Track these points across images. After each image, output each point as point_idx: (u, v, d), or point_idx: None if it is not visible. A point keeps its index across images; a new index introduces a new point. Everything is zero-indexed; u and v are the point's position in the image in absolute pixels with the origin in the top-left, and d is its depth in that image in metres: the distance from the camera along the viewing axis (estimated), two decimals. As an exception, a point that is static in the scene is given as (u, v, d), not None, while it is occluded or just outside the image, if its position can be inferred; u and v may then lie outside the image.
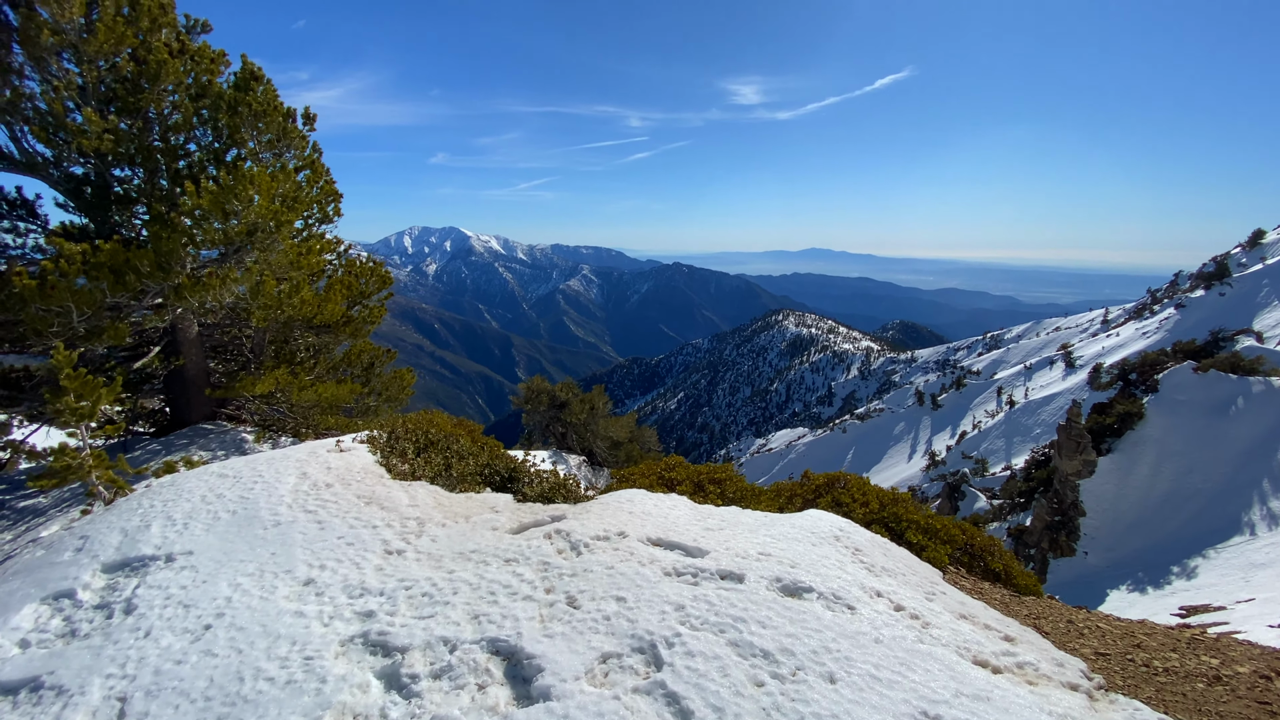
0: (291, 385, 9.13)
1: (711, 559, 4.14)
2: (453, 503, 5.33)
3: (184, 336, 10.05)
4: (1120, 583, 30.52)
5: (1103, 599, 30.00)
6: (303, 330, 10.01)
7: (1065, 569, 35.51)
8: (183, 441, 9.20)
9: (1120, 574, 31.53)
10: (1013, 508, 46.48)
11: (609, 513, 5.03)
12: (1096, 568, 34.05)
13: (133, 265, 7.09)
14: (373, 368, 12.59)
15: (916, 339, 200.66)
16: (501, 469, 6.64)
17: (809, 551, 4.43)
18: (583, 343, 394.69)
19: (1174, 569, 28.67)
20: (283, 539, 4.47)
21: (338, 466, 5.86)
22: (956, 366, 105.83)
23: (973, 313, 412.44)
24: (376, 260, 11.73)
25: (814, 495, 5.94)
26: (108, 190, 8.96)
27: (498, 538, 4.56)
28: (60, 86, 7.66)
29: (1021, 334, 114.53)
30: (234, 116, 8.96)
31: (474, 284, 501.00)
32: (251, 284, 7.72)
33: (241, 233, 7.88)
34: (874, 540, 4.98)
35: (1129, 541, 33.83)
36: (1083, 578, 33.99)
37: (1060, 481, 38.15)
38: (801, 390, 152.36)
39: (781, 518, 5.16)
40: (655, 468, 6.27)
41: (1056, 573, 35.72)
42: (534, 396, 19.10)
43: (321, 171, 10.14)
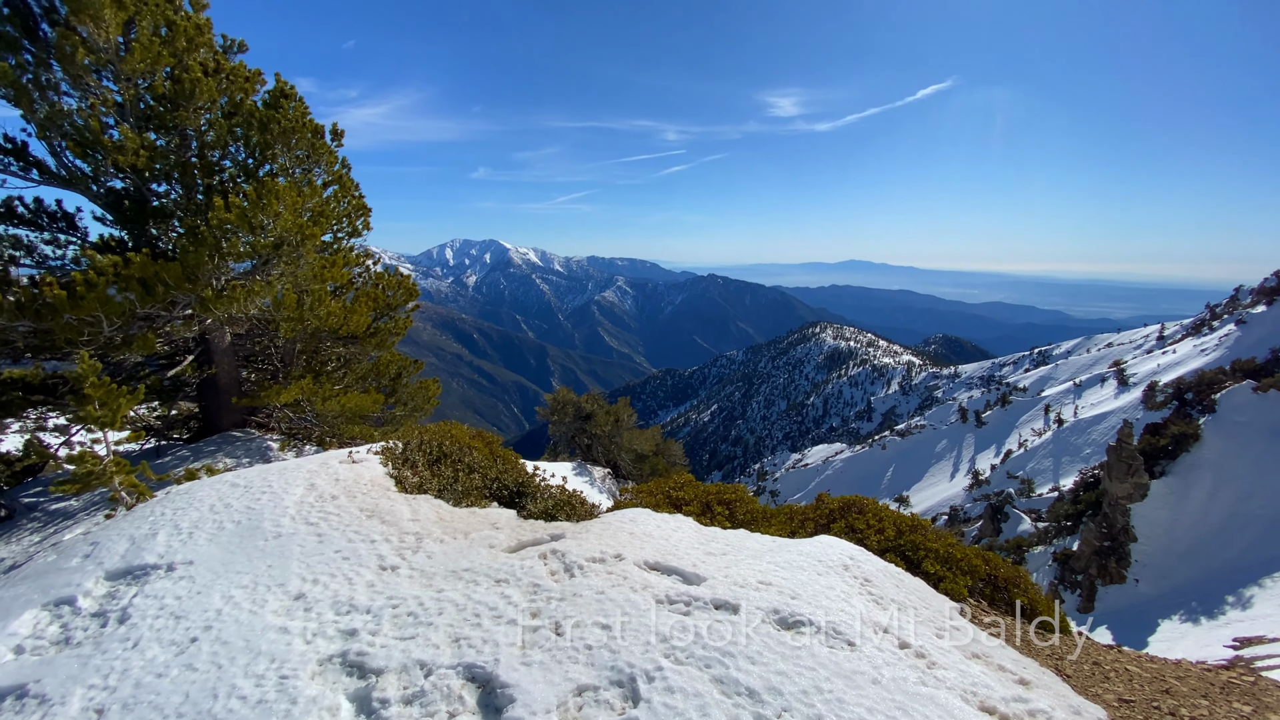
0: (316, 395, 9.31)
1: (707, 587, 3.96)
2: (454, 518, 5.28)
3: (216, 346, 10.38)
4: (1172, 612, 28.94)
5: (1154, 628, 28.39)
6: (329, 341, 10.22)
7: (1115, 596, 33.73)
8: (211, 448, 9.46)
9: (1173, 603, 29.91)
10: (1059, 531, 44.39)
11: (609, 533, 4.90)
12: (1148, 596, 32.27)
13: (161, 277, 7.34)
14: (400, 378, 12.78)
15: (960, 354, 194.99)
16: (510, 483, 6.58)
17: (813, 581, 4.20)
18: (617, 353, 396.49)
19: (1229, 599, 27.22)
20: (281, 551, 4.48)
21: (346, 478, 5.89)
22: (1002, 383, 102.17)
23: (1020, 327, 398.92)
24: (404, 274, 11.94)
25: (827, 520, 5.67)
26: (145, 204, 9.34)
27: (493, 556, 4.47)
28: (96, 104, 8.02)
29: (1071, 350, 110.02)
30: (265, 133, 9.26)
31: (512, 295, 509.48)
32: (274, 296, 7.90)
33: (268, 246, 8.10)
34: (886, 570, 4.71)
35: (1182, 569, 32.08)
36: (1134, 606, 32.23)
37: (1110, 505, 36.31)
38: (839, 405, 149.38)
39: (789, 543, 4.94)
40: (664, 486, 6.12)
41: (1105, 600, 33.95)
42: (560, 407, 19.13)
43: (350, 186, 10.39)
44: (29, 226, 9.25)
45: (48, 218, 9.22)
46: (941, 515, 61.80)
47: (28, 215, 9.16)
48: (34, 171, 8.86)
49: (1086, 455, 56.41)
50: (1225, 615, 26.61)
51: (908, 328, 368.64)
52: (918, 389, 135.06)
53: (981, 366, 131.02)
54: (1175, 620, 28.68)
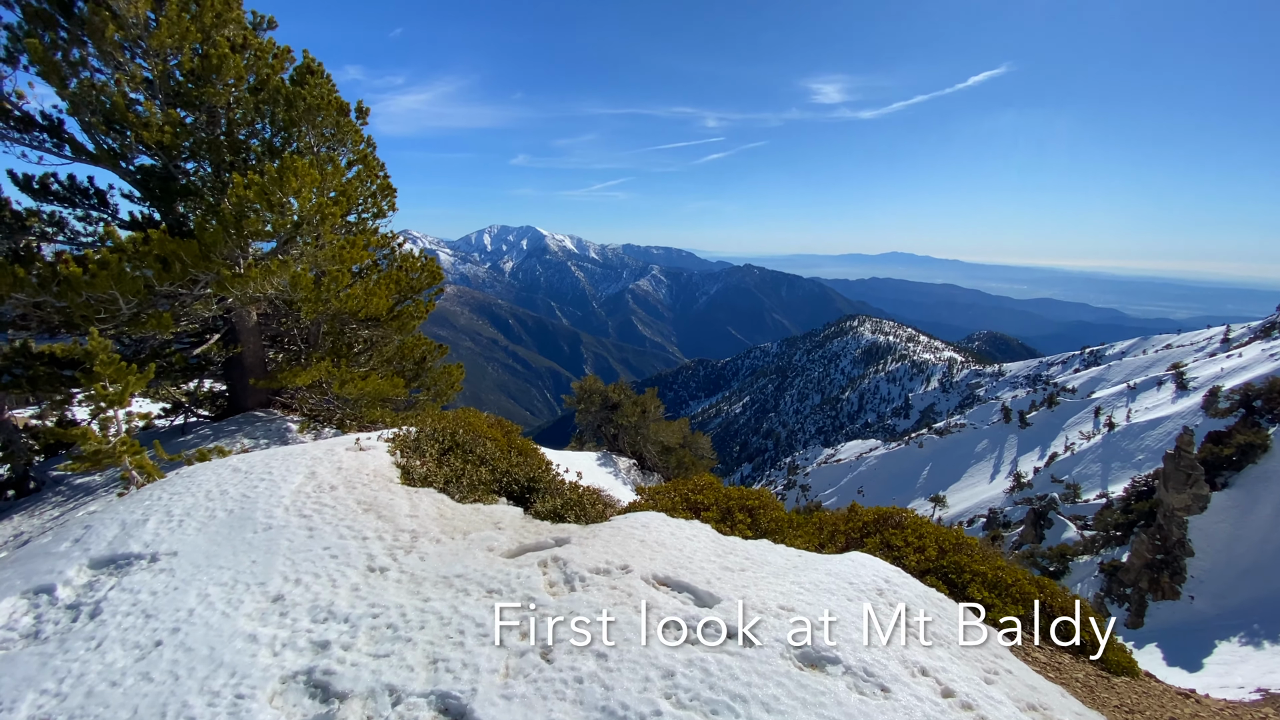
0: (334, 378, 9.17)
1: (721, 610, 3.53)
2: (456, 515, 4.96)
3: (242, 325, 10.34)
4: (1231, 634, 27.41)
5: (1210, 650, 26.87)
6: (349, 323, 10.07)
7: (1166, 613, 32.06)
8: (231, 428, 9.42)
9: (1232, 624, 28.29)
10: (1107, 540, 42.34)
11: (618, 540, 4.50)
12: (1204, 615, 30.60)
13: (178, 255, 7.21)
14: (424, 362, 12.63)
15: (1005, 351, 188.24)
16: (521, 478, 6.25)
17: (843, 608, 3.72)
18: (649, 342, 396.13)
19: None
20: (269, 545, 4.22)
21: (350, 467, 5.64)
22: (1049, 383, 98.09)
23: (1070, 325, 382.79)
24: (429, 257, 11.73)
25: (860, 534, 5.14)
26: (173, 182, 9.28)
27: (489, 561, 4.12)
28: (123, 79, 7.92)
29: (1126, 350, 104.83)
30: (290, 110, 9.07)
31: (547, 282, 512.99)
32: (289, 277, 7.72)
33: (285, 225, 7.92)
34: (926, 596, 4.20)
35: (1243, 588, 30.30)
36: (1187, 625, 30.60)
37: (1165, 516, 34.43)
38: (875, 400, 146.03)
39: (817, 560, 4.46)
40: (683, 488, 5.69)
41: (1156, 616, 32.28)
42: (586, 396, 18.84)
43: (375, 166, 10.18)
44: (63, 203, 9.29)
45: (80, 195, 9.25)
46: (979, 518, 59.81)
47: (61, 192, 9.20)
48: (67, 148, 8.86)
49: (1139, 461, 53.69)
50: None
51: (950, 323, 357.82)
52: (958, 386, 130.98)
53: (1027, 365, 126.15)
54: (1234, 642, 27.14)
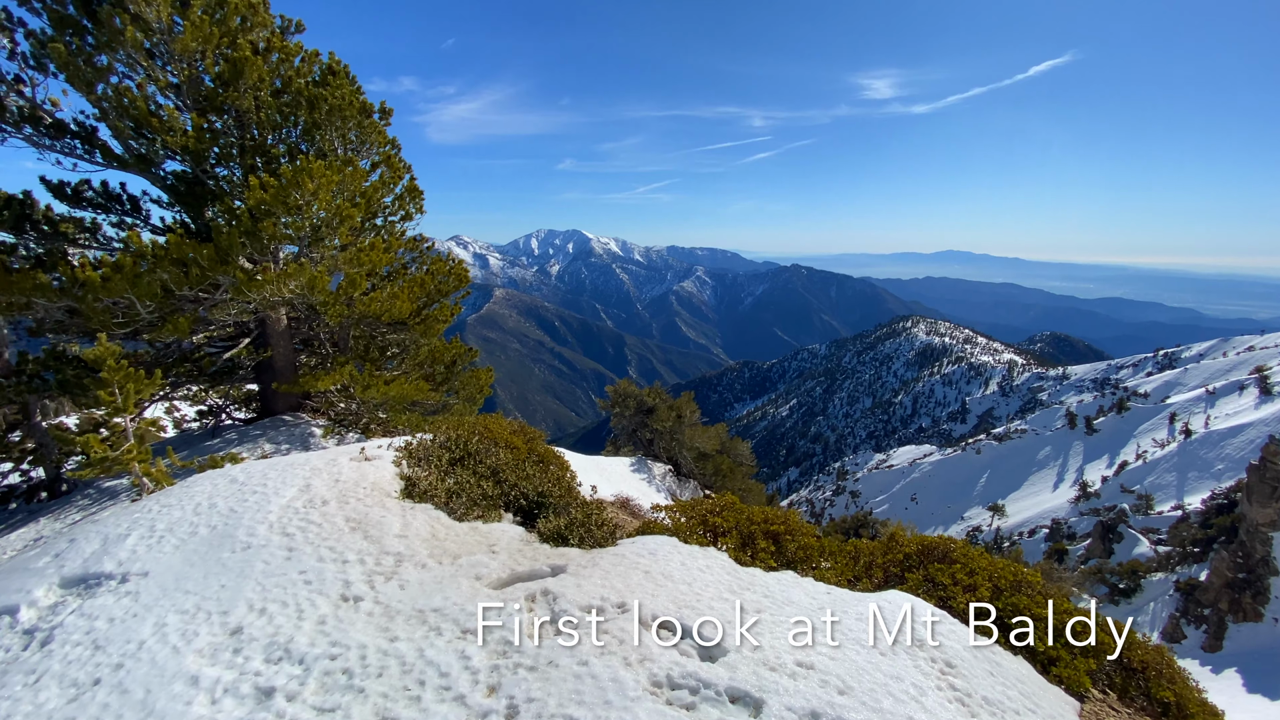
0: (357, 382, 9.03)
1: (726, 666, 3.00)
2: (449, 535, 4.58)
3: (273, 329, 10.36)
4: (1319, 659, 25.31)
5: None
6: (379, 327, 9.94)
7: (1247, 636, 29.74)
8: (257, 433, 9.41)
9: (1320, 649, 26.11)
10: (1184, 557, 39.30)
11: (620, 570, 4.02)
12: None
13: (195, 259, 7.15)
14: (455, 366, 12.46)
15: (1070, 354, 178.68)
16: (530, 492, 5.84)
17: (875, 666, 3.13)
18: (693, 344, 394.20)
19: None
20: (242, 568, 3.93)
21: (348, 479, 5.35)
22: (1119, 387, 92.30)
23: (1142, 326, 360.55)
24: (456, 259, 11.55)
25: (901, 568, 4.47)
26: (202, 187, 9.34)
27: (473, 593, 3.71)
28: (144, 83, 7.94)
29: (1204, 353, 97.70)
30: (313, 112, 8.99)
31: (592, 284, 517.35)
32: (306, 280, 7.58)
33: (304, 228, 7.79)
34: (978, 649, 3.55)
35: (1334, 612, 27.91)
36: (1270, 649, 28.36)
37: (1248, 532, 31.73)
38: (930, 404, 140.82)
39: (847, 601, 3.86)
40: (701, 508, 5.16)
41: (1236, 639, 29.94)
42: (621, 400, 18.43)
43: (399, 168, 10.02)
44: (97, 209, 9.47)
45: (114, 201, 9.41)
46: (1041, 528, 56.66)
47: (95, 198, 9.37)
48: (98, 154, 9.01)
49: (1218, 472, 49.86)
50: (1388, 668, 22.78)
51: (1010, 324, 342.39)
52: (1019, 390, 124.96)
53: (1095, 368, 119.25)
54: (1322, 669, 25.00)
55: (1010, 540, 57.06)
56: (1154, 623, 33.68)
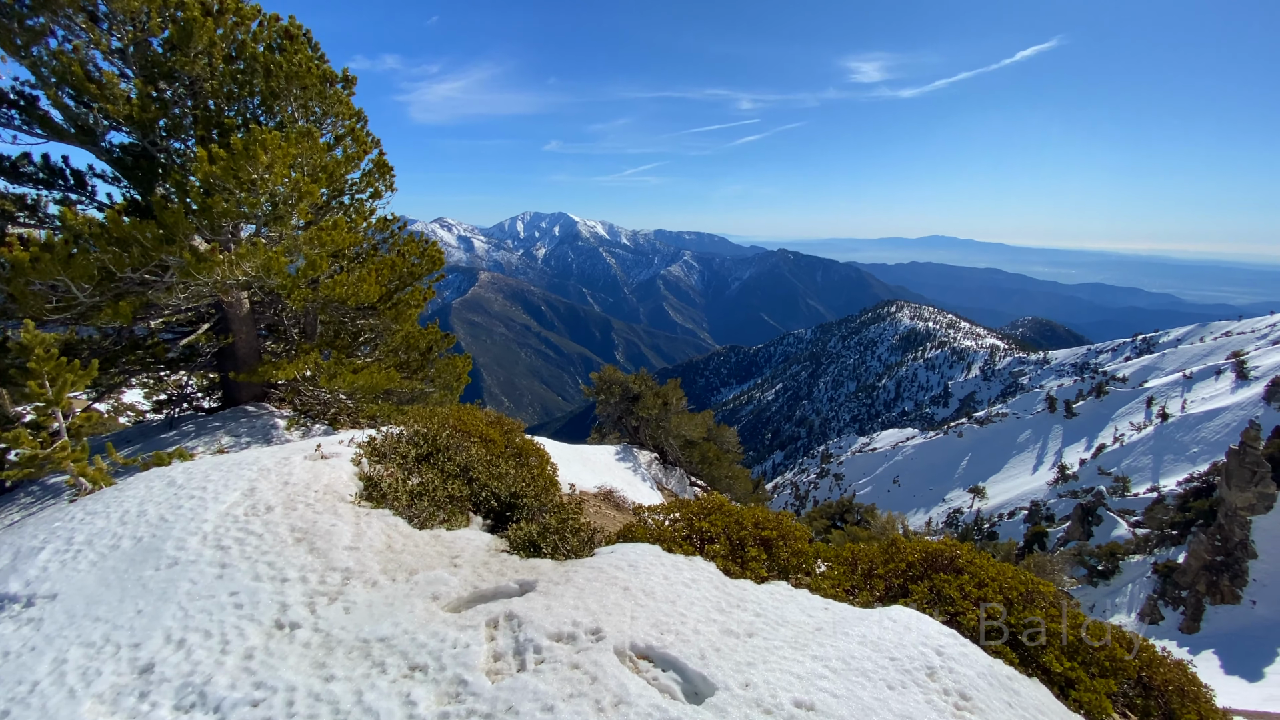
0: (321, 371, 8.48)
1: (714, 710, 2.59)
2: (407, 547, 4.12)
3: (234, 314, 9.74)
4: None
5: (1272, 658, 25.46)
6: (340, 311, 9.37)
7: (1225, 618, 30.36)
8: (215, 425, 8.84)
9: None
10: (1162, 540, 39.96)
11: (595, 586, 3.60)
12: (1267, 621, 28.92)
13: (137, 238, 6.54)
14: (430, 353, 11.92)
15: (1051, 339, 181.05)
16: (502, 493, 5.40)
17: (883, 704, 2.75)
18: (680, 329, 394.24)
19: None
20: (166, 589, 3.45)
21: (298, 481, 4.86)
22: (1098, 371, 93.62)
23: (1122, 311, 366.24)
24: (430, 241, 10.95)
25: (904, 578, 4.09)
26: (153, 161, 8.65)
27: (428, 616, 3.27)
28: (80, 47, 7.25)
29: (1182, 338, 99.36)
30: (270, 80, 8.32)
31: (579, 268, 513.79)
32: (261, 261, 7.00)
33: (258, 204, 7.18)
34: (992, 675, 3.19)
35: (1311, 594, 28.61)
36: (1248, 631, 28.97)
37: (1227, 516, 32.24)
38: (913, 388, 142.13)
39: (848, 619, 3.48)
40: (688, 511, 4.76)
41: (1213, 621, 30.57)
42: (606, 387, 17.98)
43: (365, 142, 9.38)
44: (38, 185, 8.74)
45: (55, 176, 8.70)
46: (1021, 510, 57.45)
47: (35, 173, 8.65)
48: (37, 126, 8.29)
49: (1194, 455, 50.75)
50: (1365, 651, 23.31)
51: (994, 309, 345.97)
52: (1001, 374, 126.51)
53: (1075, 353, 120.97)
54: (1299, 650, 25.60)
55: (990, 522, 57.86)
56: (1132, 604, 34.26)
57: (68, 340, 8.84)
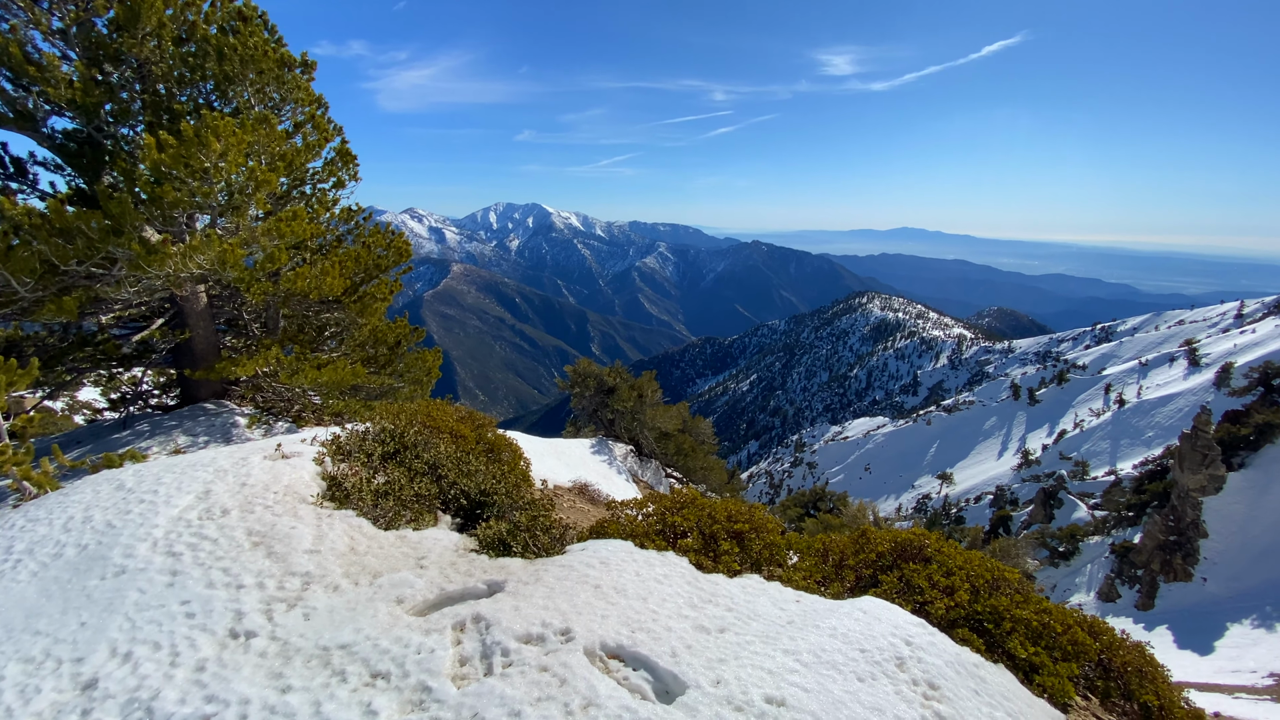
0: (283, 366, 8.21)
1: (684, 709, 2.56)
2: (371, 548, 4.00)
3: (190, 309, 9.37)
4: (1244, 616, 27.08)
5: (1221, 633, 26.48)
6: (302, 305, 9.08)
7: (1178, 595, 31.56)
8: (172, 424, 8.51)
9: (1245, 606, 27.92)
10: (1119, 521, 41.45)
11: (566, 585, 3.54)
12: (1216, 597, 30.12)
13: (82, 229, 6.21)
14: (399, 347, 11.66)
15: (1016, 328, 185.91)
16: (472, 490, 5.29)
17: (853, 696, 2.75)
18: (656, 320, 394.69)
19: None
20: (112, 599, 3.29)
21: (257, 482, 4.68)
22: (1059, 359, 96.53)
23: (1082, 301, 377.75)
24: (396, 232, 10.68)
25: (873, 568, 4.14)
26: (98, 148, 8.24)
27: (392, 621, 3.17)
28: (17, 26, 6.84)
29: (1138, 326, 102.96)
30: (223, 64, 7.97)
31: (553, 260, 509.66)
32: (215, 254, 6.71)
33: (211, 193, 6.88)
34: (959, 664, 3.22)
35: (1258, 570, 29.83)
36: (1199, 607, 30.15)
37: (1180, 497, 33.52)
38: (884, 378, 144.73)
39: (819, 610, 3.48)
40: (661, 505, 4.73)
41: (1167, 598, 31.75)
42: (580, 380, 17.87)
43: (326, 129, 9.07)
44: (-27, 172, 8.29)
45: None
46: (987, 495, 59.04)
47: (-30, 160, 8.19)
48: (-30, 110, 7.82)
49: (1149, 439, 52.65)
50: (1307, 624, 24.50)
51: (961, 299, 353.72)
52: (968, 363, 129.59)
53: (1038, 342, 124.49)
54: (1247, 625, 26.74)
55: (958, 507, 59.32)
56: (1091, 584, 35.46)
57: (10, 337, 8.41)
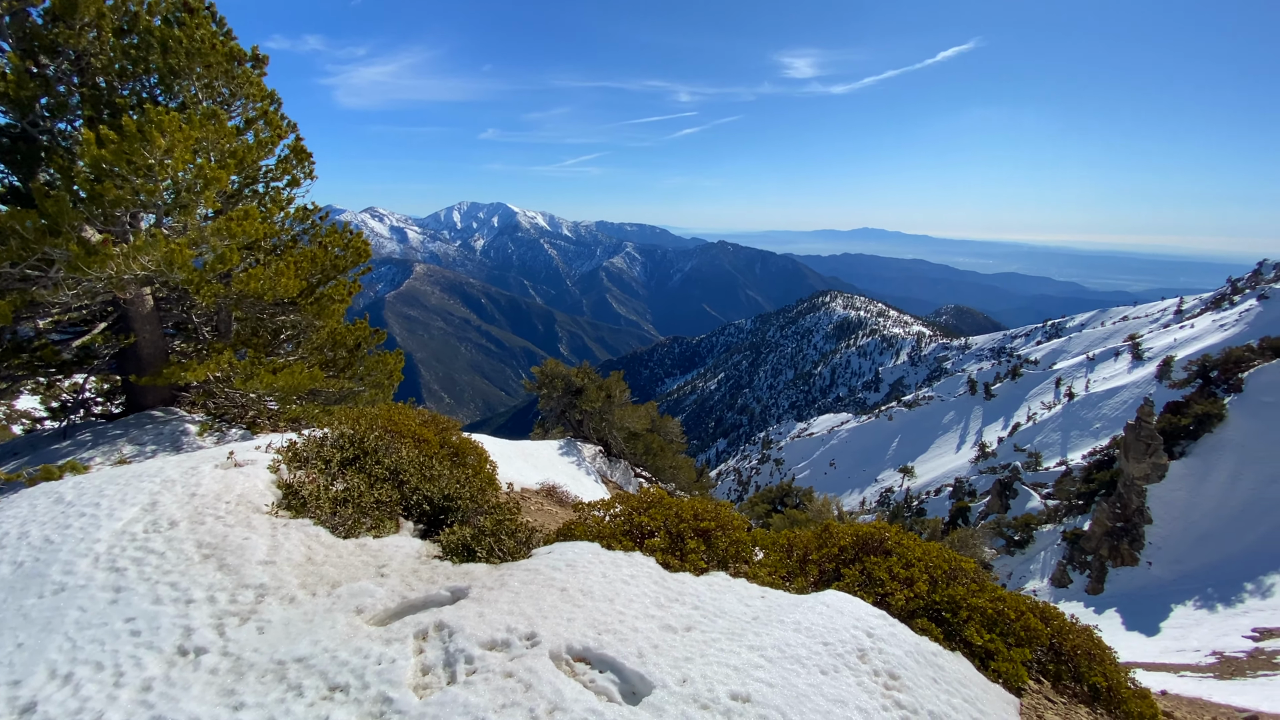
0: (235, 371, 7.92)
1: (651, 709, 2.56)
2: (329, 558, 3.90)
3: (135, 312, 8.97)
4: (1187, 598, 28.23)
5: (1166, 614, 27.60)
6: (256, 307, 8.78)
7: (1125, 579, 32.85)
8: (117, 433, 8.14)
9: (1187, 588, 29.13)
10: (1070, 509, 43.15)
11: (531, 590, 3.50)
12: (1161, 580, 31.40)
13: (14, 229, 5.89)
14: (359, 349, 11.37)
15: (972, 325, 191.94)
16: (435, 495, 5.19)
17: (816, 689, 2.80)
18: (624, 320, 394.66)
19: (1248, 586, 26.51)
20: (50, 619, 3.12)
21: (207, 492, 4.51)
22: (1013, 355, 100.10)
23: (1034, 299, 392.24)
24: (353, 231, 10.42)
25: (836, 562, 4.23)
26: (33, 144, 7.83)
27: (351, 632, 3.09)
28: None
29: (1085, 322, 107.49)
30: (168, 57, 7.66)
31: (520, 260, 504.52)
32: (161, 255, 6.44)
33: (156, 191, 6.60)
34: (918, 652, 3.31)
35: (1199, 554, 31.18)
36: (1145, 590, 31.39)
37: (1126, 485, 35.00)
38: (847, 375, 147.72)
39: (784, 606, 3.53)
40: (629, 505, 4.73)
41: (1115, 582, 33.06)
42: (548, 381, 17.74)
43: (280, 126, 8.79)
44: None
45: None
46: (946, 487, 60.79)
47: (-109, 156, 7.68)
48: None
49: (1096, 430, 54.95)
50: (1244, 603, 25.68)
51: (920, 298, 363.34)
52: (927, 360, 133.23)
53: (992, 338, 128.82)
54: (1189, 606, 27.86)
55: (919, 499, 60.90)
56: (1044, 570, 36.74)
57: (-63, 343, 7.92)
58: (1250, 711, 7.04)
